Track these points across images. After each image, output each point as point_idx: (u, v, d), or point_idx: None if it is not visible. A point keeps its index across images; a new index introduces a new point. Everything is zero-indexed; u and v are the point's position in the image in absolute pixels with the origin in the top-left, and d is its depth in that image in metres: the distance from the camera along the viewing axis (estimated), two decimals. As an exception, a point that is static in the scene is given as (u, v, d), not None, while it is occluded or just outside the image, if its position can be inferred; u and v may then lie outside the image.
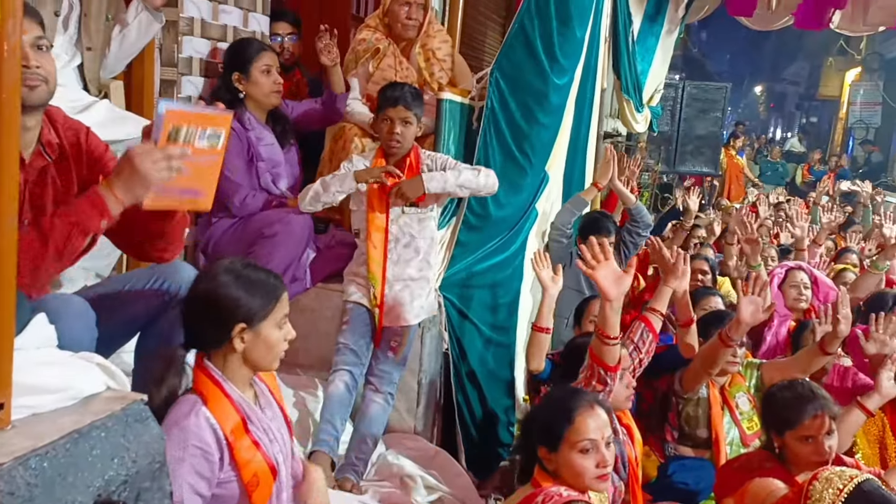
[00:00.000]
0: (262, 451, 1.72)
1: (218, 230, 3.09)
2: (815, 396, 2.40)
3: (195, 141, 1.66)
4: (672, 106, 8.33)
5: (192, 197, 1.77)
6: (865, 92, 16.49)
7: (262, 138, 3.13)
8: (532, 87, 3.31)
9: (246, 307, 1.70)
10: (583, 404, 2.00)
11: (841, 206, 7.95)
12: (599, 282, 2.27)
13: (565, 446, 1.95)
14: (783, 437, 2.38)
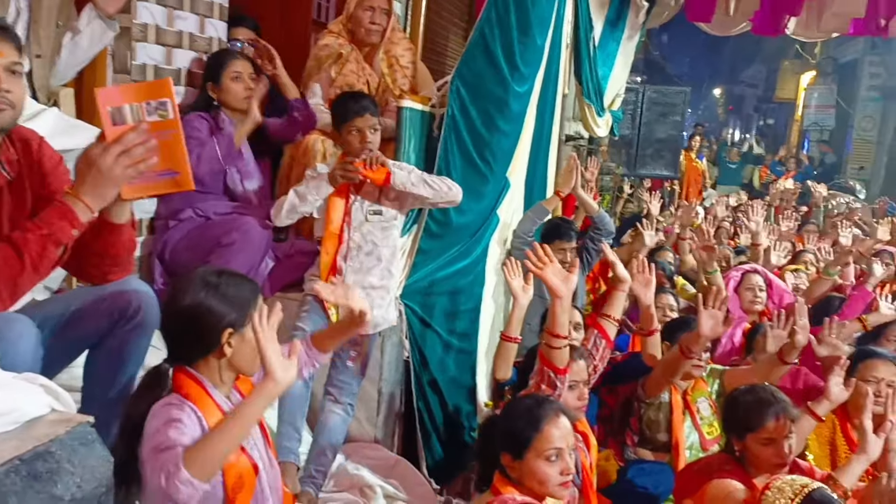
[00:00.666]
0: (246, 453, 1.72)
1: (174, 236, 3.03)
2: (776, 400, 2.44)
3: (144, 117, 1.59)
4: (633, 110, 8.43)
5: (169, 178, 1.69)
6: (820, 95, 16.88)
7: (233, 135, 3.11)
8: (492, 94, 3.32)
9: (230, 312, 1.71)
10: (549, 413, 2.03)
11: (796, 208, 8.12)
12: (547, 281, 2.38)
13: (531, 454, 1.98)
14: (744, 441, 2.41)
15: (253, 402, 1.60)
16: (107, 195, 1.60)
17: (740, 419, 2.43)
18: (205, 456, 1.53)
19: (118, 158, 1.55)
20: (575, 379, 2.55)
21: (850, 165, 15.15)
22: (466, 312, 3.58)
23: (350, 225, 2.83)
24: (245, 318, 1.72)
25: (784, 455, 2.34)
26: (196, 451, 1.53)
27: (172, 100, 1.61)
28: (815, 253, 5.51)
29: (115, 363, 1.92)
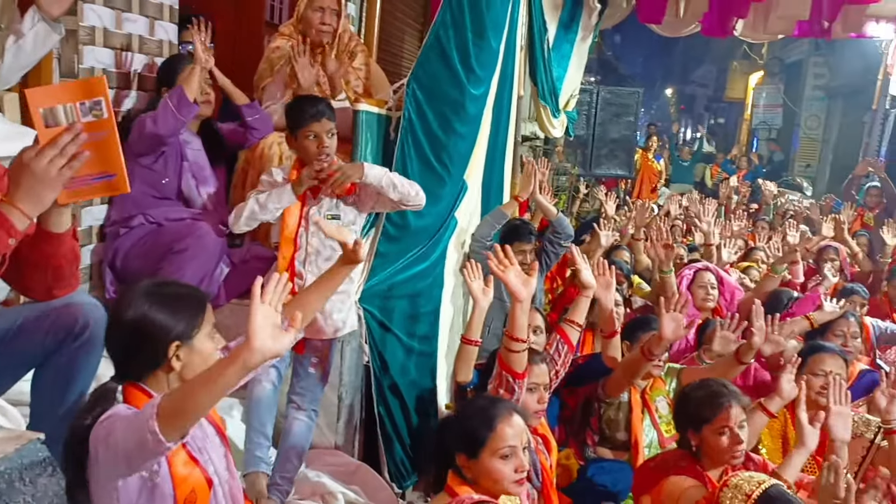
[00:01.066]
0: (200, 466, 1.69)
1: (125, 243, 2.97)
2: (728, 390, 2.51)
3: (78, 118, 1.53)
4: (587, 111, 8.53)
5: (105, 181, 1.63)
6: (768, 94, 17.31)
7: (191, 142, 3.10)
8: (449, 97, 3.31)
9: (176, 325, 1.68)
10: (502, 412, 2.05)
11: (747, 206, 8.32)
12: (508, 284, 2.42)
13: (486, 453, 1.99)
14: (700, 433, 2.46)
15: (226, 370, 1.46)
16: (43, 200, 1.52)
17: (694, 413, 2.48)
18: (173, 411, 1.43)
19: (53, 161, 1.48)
20: (535, 382, 2.58)
21: (798, 163, 15.55)
22: (426, 315, 3.58)
23: (308, 230, 2.80)
24: (192, 330, 1.68)
25: (740, 440, 2.40)
26: (167, 402, 1.45)
27: (107, 98, 1.54)
28: (765, 250, 5.65)
29: (63, 381, 1.87)
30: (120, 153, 1.60)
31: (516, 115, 4.99)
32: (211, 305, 1.77)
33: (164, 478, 1.60)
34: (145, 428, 1.41)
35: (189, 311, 1.70)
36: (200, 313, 1.71)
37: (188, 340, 1.68)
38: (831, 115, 15.23)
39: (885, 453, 2.67)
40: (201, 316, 1.71)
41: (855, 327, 3.78)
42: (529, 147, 7.49)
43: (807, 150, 15.60)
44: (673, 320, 2.86)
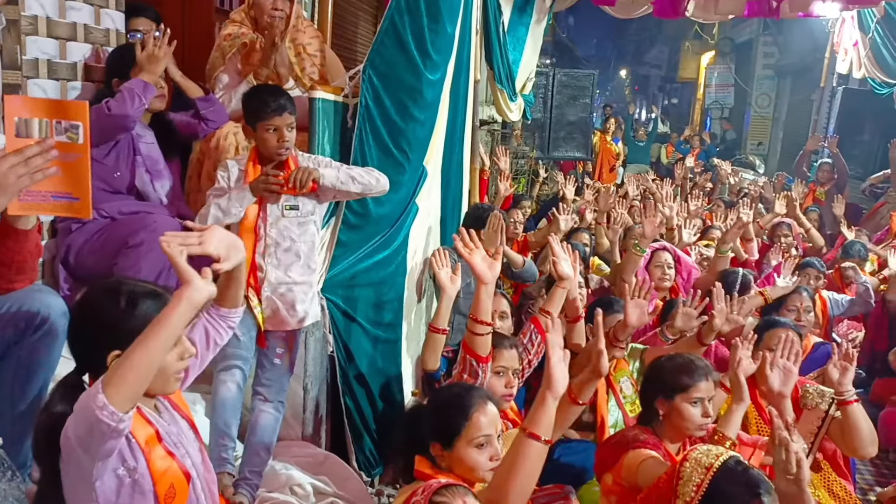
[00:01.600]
0: (177, 460, 1.67)
1: (79, 239, 2.88)
2: (703, 363, 2.55)
3: (52, 135, 1.53)
4: (544, 94, 8.56)
5: (66, 202, 1.62)
6: (719, 74, 17.60)
7: (143, 136, 3.01)
8: (405, 83, 3.29)
9: (125, 330, 1.60)
10: (477, 400, 2.05)
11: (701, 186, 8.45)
12: (474, 266, 2.45)
13: (462, 442, 1.99)
14: (672, 401, 2.45)
15: (174, 310, 1.48)
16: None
17: (670, 380, 2.48)
18: (121, 373, 1.41)
19: (13, 168, 1.47)
20: (504, 366, 2.58)
21: (750, 141, 15.87)
22: (389, 303, 3.56)
23: (266, 221, 2.76)
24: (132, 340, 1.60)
25: (709, 413, 2.44)
26: (111, 371, 1.43)
27: (86, 124, 1.55)
28: (721, 229, 5.76)
29: (23, 375, 1.84)
30: (88, 180, 1.63)
31: (473, 100, 4.99)
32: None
33: (142, 474, 1.58)
34: (92, 406, 1.38)
35: (141, 316, 1.62)
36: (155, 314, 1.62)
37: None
38: (781, 93, 15.55)
39: (839, 423, 2.75)
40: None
41: (808, 301, 3.87)
42: (488, 131, 7.50)
43: (758, 129, 15.93)
44: (637, 307, 2.95)
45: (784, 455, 1.80)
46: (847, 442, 2.74)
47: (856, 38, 8.37)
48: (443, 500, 1.77)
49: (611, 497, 2.34)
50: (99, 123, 2.76)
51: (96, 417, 1.38)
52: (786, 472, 1.78)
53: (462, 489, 1.85)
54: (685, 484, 1.89)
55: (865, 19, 8.01)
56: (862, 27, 8.15)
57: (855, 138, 9.10)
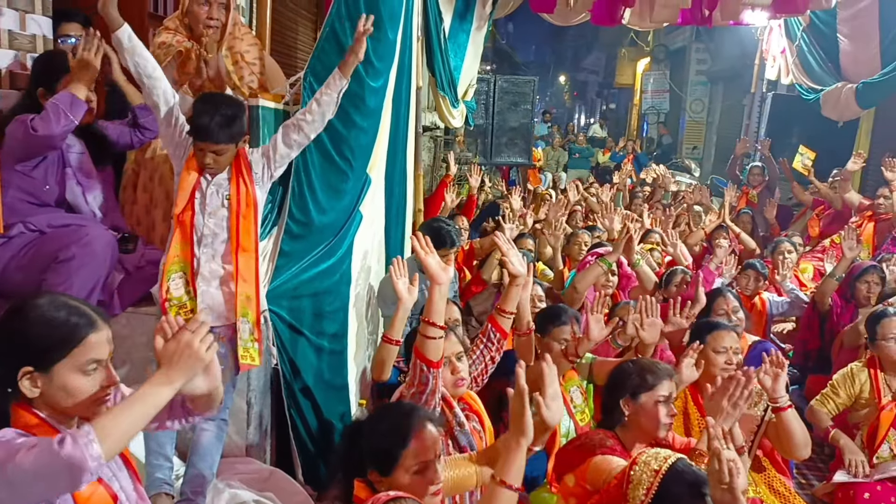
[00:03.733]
0: (104, 483, 1.60)
1: (4, 255, 2.75)
2: (665, 367, 2.61)
3: None
4: (485, 100, 8.62)
5: None
6: (655, 80, 18.00)
7: (72, 146, 2.89)
8: (347, 90, 3.24)
9: (33, 348, 1.56)
10: (415, 425, 1.97)
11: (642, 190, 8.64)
12: (429, 266, 2.44)
13: (400, 470, 1.92)
14: (637, 400, 2.48)
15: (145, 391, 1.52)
16: None
17: (634, 381, 2.52)
18: (121, 432, 1.47)
19: None
20: (445, 355, 2.50)
21: (685, 146, 16.28)
22: (334, 313, 3.51)
23: (205, 210, 2.68)
24: (50, 360, 1.55)
25: (672, 413, 2.49)
26: (110, 427, 1.45)
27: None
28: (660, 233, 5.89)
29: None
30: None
31: (416, 106, 4.97)
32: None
33: (65, 499, 1.52)
34: (83, 456, 1.39)
35: (54, 336, 1.56)
36: (70, 342, 1.57)
37: (45, 369, 1.56)
38: (714, 98, 16.01)
39: (774, 427, 2.82)
40: (70, 346, 1.57)
41: (734, 302, 3.93)
42: (430, 137, 7.50)
43: (693, 133, 16.36)
44: (597, 322, 3.06)
45: (717, 465, 1.82)
46: (782, 445, 2.82)
47: (783, 45, 8.68)
48: None
49: (570, 499, 2.34)
50: (24, 141, 2.65)
51: (84, 466, 1.40)
52: (719, 482, 1.80)
53: (411, 501, 1.82)
54: (635, 487, 1.91)
55: (792, 28, 8.30)
56: (789, 35, 8.45)
57: (784, 142, 9.41)
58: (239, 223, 2.71)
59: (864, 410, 3.61)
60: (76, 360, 1.57)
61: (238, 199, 2.70)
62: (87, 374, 1.59)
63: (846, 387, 3.66)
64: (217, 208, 2.69)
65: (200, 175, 2.67)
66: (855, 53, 7.31)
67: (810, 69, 8.08)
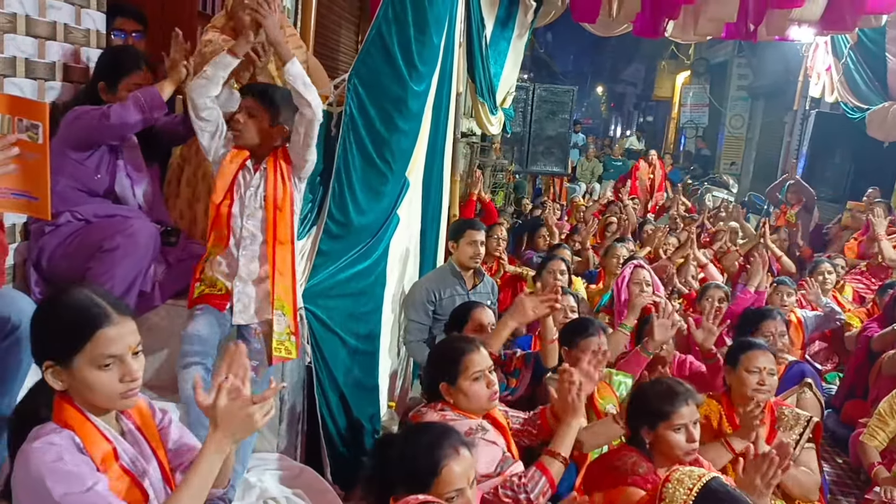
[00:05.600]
0: (135, 479, 1.62)
1: (52, 242, 2.80)
2: (684, 388, 2.51)
3: (13, 131, 1.51)
4: (523, 108, 8.61)
5: (26, 200, 1.60)
6: (694, 94, 17.86)
7: (127, 139, 2.93)
8: (391, 93, 3.27)
9: (52, 342, 1.59)
10: (449, 452, 1.94)
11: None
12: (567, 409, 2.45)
13: (431, 496, 1.90)
14: (656, 430, 2.44)
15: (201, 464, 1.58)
16: None
17: (652, 409, 2.46)
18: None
19: None
20: (479, 369, 2.47)
21: (723, 161, 16.10)
22: (368, 314, 3.53)
23: (244, 212, 2.71)
24: (69, 353, 1.56)
25: (695, 439, 2.42)
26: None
27: (46, 125, 1.54)
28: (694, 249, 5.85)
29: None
30: (48, 180, 1.61)
31: (455, 112, 4.99)
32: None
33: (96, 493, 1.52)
34: None
35: (65, 331, 1.57)
36: (81, 337, 1.57)
37: (65, 363, 1.57)
38: (754, 114, 15.82)
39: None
40: (82, 341, 1.56)
41: (782, 326, 3.88)
42: (467, 143, 7.51)
43: (731, 149, 16.18)
44: (661, 325, 3.36)
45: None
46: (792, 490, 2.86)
47: (829, 63, 8.54)
48: None
49: None
50: (93, 128, 2.71)
51: None
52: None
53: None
54: (668, 505, 1.87)
55: (839, 45, 8.17)
56: (835, 52, 8.32)
57: (827, 161, 9.27)
58: (276, 217, 2.71)
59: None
60: (90, 354, 1.57)
61: (275, 193, 2.70)
62: (103, 369, 1.58)
63: (894, 413, 3.59)
64: (255, 210, 2.72)
65: (242, 166, 2.69)
66: (903, 73, 7.18)
67: (856, 88, 7.94)
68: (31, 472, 1.47)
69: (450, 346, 2.56)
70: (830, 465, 4.26)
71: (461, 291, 3.95)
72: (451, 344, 2.61)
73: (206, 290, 2.74)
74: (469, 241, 3.95)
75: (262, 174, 2.72)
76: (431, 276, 4.11)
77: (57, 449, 1.50)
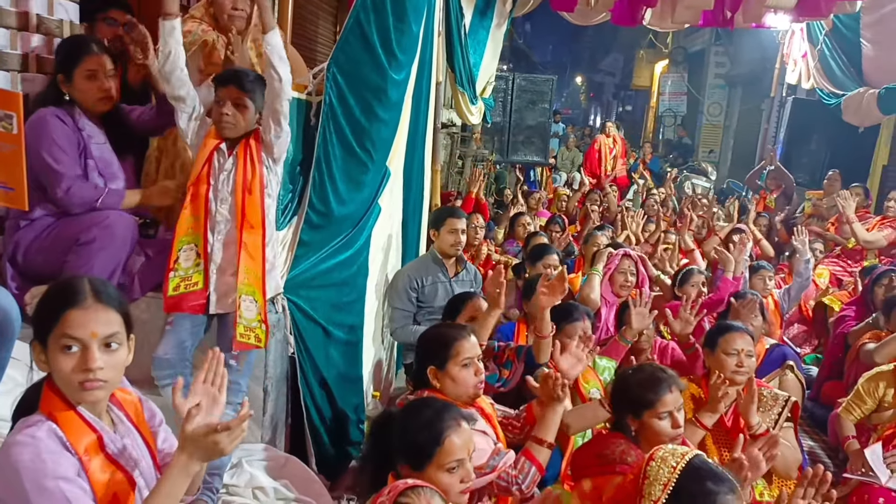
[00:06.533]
0: (122, 469, 1.61)
1: (27, 236, 2.76)
2: (666, 374, 2.49)
3: None
4: (503, 98, 8.60)
5: (2, 191, 1.58)
6: (673, 83, 17.93)
7: (93, 136, 2.85)
8: (370, 82, 3.26)
9: (36, 321, 1.59)
10: (450, 424, 1.97)
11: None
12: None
13: (433, 467, 1.93)
14: (641, 419, 2.43)
15: (164, 484, 1.57)
16: None
17: (636, 398, 2.44)
18: None
19: None
20: (469, 356, 2.47)
21: (702, 149, 16.19)
22: (351, 304, 3.52)
23: (218, 197, 2.67)
24: (44, 334, 1.55)
25: (679, 425, 2.41)
26: None
27: (20, 115, 1.51)
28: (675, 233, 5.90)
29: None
30: (24, 171, 1.58)
31: (435, 102, 4.98)
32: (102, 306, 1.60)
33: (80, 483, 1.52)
34: None
35: (44, 309, 1.58)
36: (51, 318, 1.55)
37: (43, 344, 1.57)
38: (732, 102, 15.92)
39: None
40: (52, 322, 1.55)
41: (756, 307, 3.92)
42: (447, 134, 7.49)
43: (710, 137, 16.27)
44: (639, 314, 3.45)
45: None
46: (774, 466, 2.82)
47: (805, 49, 8.60)
48: (408, 500, 1.73)
49: (586, 502, 2.32)
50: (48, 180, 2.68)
51: None
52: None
53: (429, 491, 1.81)
54: (651, 484, 1.88)
55: (814, 32, 8.23)
56: (811, 39, 8.38)
57: (803, 147, 9.34)
58: (245, 200, 2.66)
59: (887, 413, 3.60)
60: (55, 335, 1.55)
61: (244, 177, 2.66)
62: (64, 352, 1.54)
63: (872, 392, 3.65)
64: (227, 195, 2.68)
65: (216, 148, 2.65)
66: (878, 58, 7.24)
67: (832, 74, 8.01)
68: (9, 464, 1.46)
69: (441, 332, 2.56)
70: (809, 444, 4.33)
71: (443, 279, 3.96)
72: (443, 330, 2.61)
73: (182, 288, 2.65)
74: (450, 229, 3.95)
75: (234, 158, 2.69)
76: (413, 265, 4.11)
77: (35, 446, 1.48)
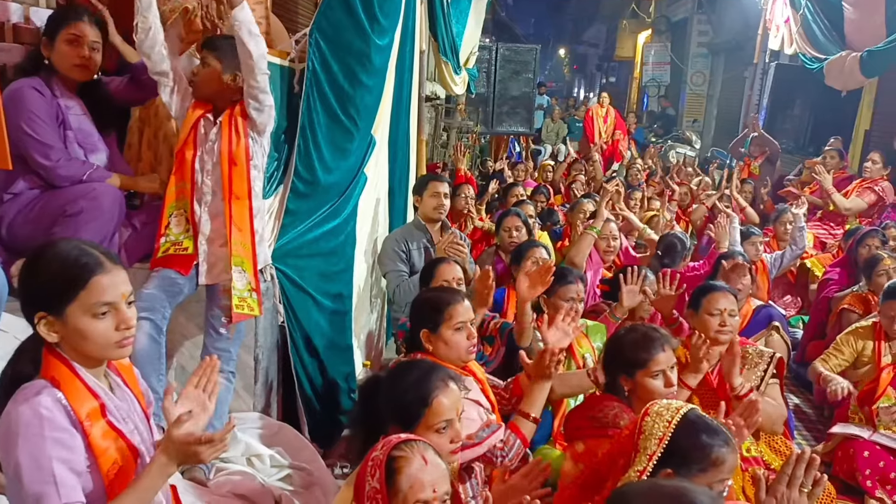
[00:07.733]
0: (124, 436, 1.61)
1: (11, 210, 2.73)
2: (659, 333, 2.49)
3: None
4: (487, 68, 8.55)
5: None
6: (656, 52, 17.87)
7: (72, 107, 2.80)
8: (353, 47, 3.22)
9: (42, 294, 1.57)
10: (438, 384, 1.97)
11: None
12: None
13: (421, 427, 1.93)
14: (634, 378, 2.43)
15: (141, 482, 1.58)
16: None
17: (629, 358, 2.45)
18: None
19: None
20: (462, 320, 2.47)
21: (686, 118, 16.20)
22: (339, 274, 3.52)
23: (204, 168, 2.66)
24: (63, 303, 1.55)
25: (673, 383, 2.42)
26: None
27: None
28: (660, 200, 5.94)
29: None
30: (4, 130, 1.54)
31: (419, 71, 4.94)
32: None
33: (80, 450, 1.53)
34: None
35: (57, 280, 1.56)
36: (74, 285, 1.55)
37: (57, 313, 1.56)
38: (715, 70, 15.91)
39: None
40: (75, 289, 1.55)
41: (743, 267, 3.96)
42: (431, 105, 7.45)
43: (693, 106, 16.28)
44: (630, 292, 3.44)
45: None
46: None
47: (787, 14, 8.59)
48: (402, 454, 1.72)
49: (578, 464, 2.33)
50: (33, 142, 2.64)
51: None
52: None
53: (422, 444, 1.80)
54: (647, 438, 1.89)
55: (797, -4, 8.22)
56: (793, 4, 8.36)
57: (787, 112, 9.38)
58: (232, 171, 2.66)
59: (863, 369, 3.65)
60: (84, 302, 1.56)
61: (230, 148, 2.65)
62: (98, 318, 1.57)
63: (850, 345, 3.70)
64: (213, 166, 2.67)
65: (202, 117, 2.65)
66: (860, 22, 7.24)
67: (814, 38, 8.00)
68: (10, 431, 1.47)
69: (435, 295, 2.57)
70: (795, 402, 4.40)
71: (428, 245, 3.94)
72: (437, 293, 2.62)
73: (171, 250, 2.68)
74: (432, 192, 3.90)
75: (218, 129, 2.67)
76: (398, 231, 4.07)
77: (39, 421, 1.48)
